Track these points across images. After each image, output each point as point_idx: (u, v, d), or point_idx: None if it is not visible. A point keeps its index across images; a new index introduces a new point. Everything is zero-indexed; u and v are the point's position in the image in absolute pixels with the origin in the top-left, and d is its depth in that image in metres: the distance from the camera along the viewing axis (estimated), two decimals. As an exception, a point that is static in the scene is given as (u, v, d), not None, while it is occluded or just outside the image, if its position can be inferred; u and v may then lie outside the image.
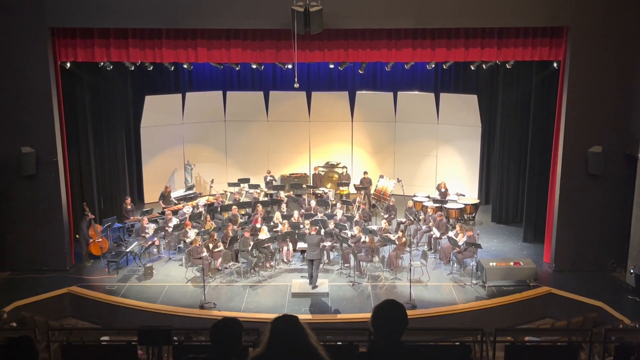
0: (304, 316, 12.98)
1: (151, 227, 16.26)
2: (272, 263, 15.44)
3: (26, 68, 14.33)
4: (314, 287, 14.02)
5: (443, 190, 18.64)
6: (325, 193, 19.12)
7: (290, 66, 16.68)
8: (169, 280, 14.80)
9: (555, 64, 15.10)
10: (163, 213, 17.39)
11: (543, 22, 14.24)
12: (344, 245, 15.22)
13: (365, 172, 19.90)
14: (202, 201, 18.32)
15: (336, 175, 20.67)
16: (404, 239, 15.18)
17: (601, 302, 13.24)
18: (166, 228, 16.23)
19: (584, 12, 14.06)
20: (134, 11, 14.12)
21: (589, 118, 14.52)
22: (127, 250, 15.51)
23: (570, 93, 14.43)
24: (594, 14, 14.08)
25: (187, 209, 17.38)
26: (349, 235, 15.59)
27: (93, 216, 15.90)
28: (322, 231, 15.45)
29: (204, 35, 14.69)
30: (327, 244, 15.46)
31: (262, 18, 14.13)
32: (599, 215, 14.93)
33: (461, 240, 15.06)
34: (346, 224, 16.25)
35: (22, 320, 11.99)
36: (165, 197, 18.50)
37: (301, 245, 15.29)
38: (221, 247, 15.18)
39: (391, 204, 17.67)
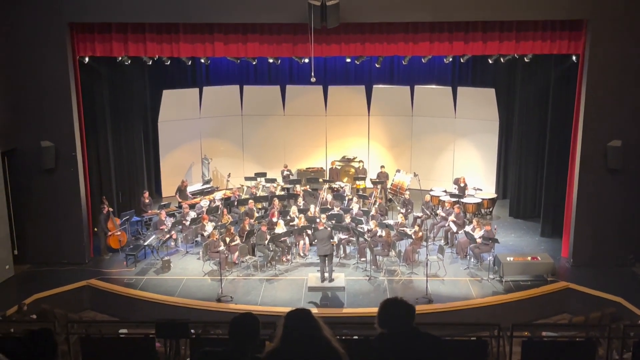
0: (320, 310, 13.03)
1: (169, 221, 16.36)
2: (288, 257, 15.47)
3: (45, 63, 14.45)
4: (331, 280, 14.03)
5: (462, 185, 18.55)
6: (342, 187, 19.10)
7: (307, 60, 16.65)
8: (186, 274, 14.88)
9: (574, 57, 14.94)
10: (180, 207, 17.48)
11: (562, 14, 14.10)
12: (360, 239, 15.20)
13: (382, 166, 19.85)
14: (219, 195, 18.39)
15: (352, 170, 20.64)
16: (420, 234, 15.14)
17: (620, 297, 13.13)
18: (183, 222, 16.31)
19: (604, 4, 13.89)
20: (151, 6, 14.17)
21: (608, 112, 14.36)
22: (145, 243, 15.63)
23: (589, 86, 14.29)
24: (613, 7, 13.91)
25: (204, 202, 17.46)
26: (365, 229, 15.57)
27: (111, 209, 16.02)
28: (332, 228, 15.42)
29: (221, 29, 14.72)
30: (343, 236, 15.46)
31: (279, 12, 14.13)
32: (617, 210, 14.78)
33: (478, 234, 14.99)
34: (362, 218, 16.23)
35: (42, 313, 12.11)
36: (181, 191, 18.59)
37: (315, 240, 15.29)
38: (238, 241, 15.23)
39: (407, 198, 17.63)
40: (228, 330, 4.18)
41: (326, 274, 14.03)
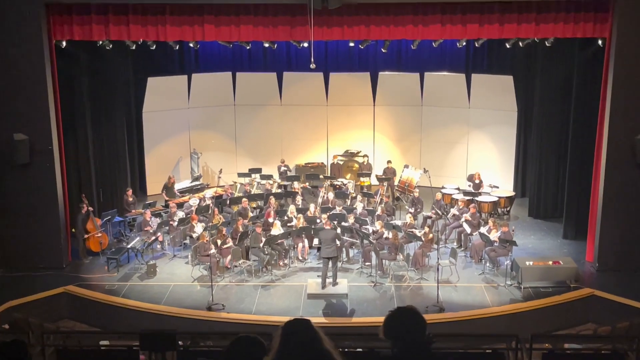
0: (321, 319, 13.04)
1: (154, 222, 16.36)
2: (286, 261, 15.48)
3: (18, 48, 14.39)
4: (335, 284, 14.04)
5: (477, 181, 18.56)
6: (345, 184, 19.10)
7: (306, 45, 16.62)
8: (174, 280, 14.89)
9: (600, 42, 14.89)
10: (167, 206, 17.48)
11: (587, -6, 14.09)
12: (365, 242, 15.20)
13: (388, 162, 19.84)
14: (209, 193, 18.39)
15: (356, 165, 20.63)
16: (430, 235, 15.14)
17: (650, 305, 13.14)
18: (170, 222, 16.31)
19: (633, -18, 13.87)
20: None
21: (637, 102, 14.33)
22: (129, 246, 15.63)
23: (617, 74, 14.24)
24: (644, -15, 13.89)
25: (194, 201, 17.46)
26: (371, 231, 15.57)
27: (91, 208, 16.02)
28: (340, 226, 15.44)
29: (211, 10, 14.69)
30: (346, 239, 15.47)
31: (276, -9, 14.11)
32: (647, 210, 14.79)
33: (494, 236, 14.99)
34: (367, 219, 16.23)
35: (15, 323, 12.12)
36: (168, 188, 18.59)
37: (318, 242, 15.30)
38: (230, 244, 15.23)
39: (417, 196, 17.62)
40: (226, 353, 4.15)
41: (328, 279, 14.03)
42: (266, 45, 17.66)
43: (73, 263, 15.62)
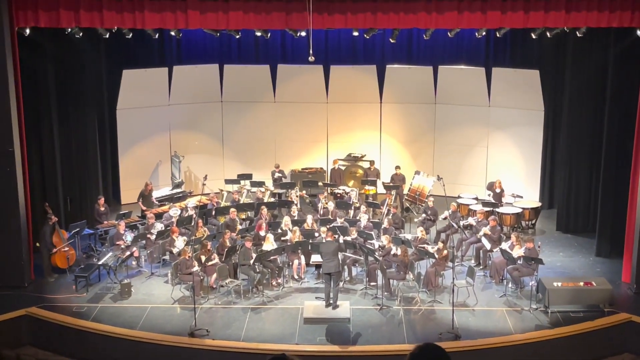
0: (319, 347, 13.02)
1: (129, 235, 16.34)
2: (279, 280, 15.46)
3: (-25, 35, 14.45)
4: (335, 306, 14.03)
5: (498, 190, 18.56)
6: (347, 193, 19.11)
7: (303, 34, 16.65)
8: (152, 301, 14.85)
9: (638, 32, 14.95)
10: (144, 217, 17.46)
11: (623, -23, 14.14)
12: (370, 258, 15.19)
13: (397, 167, 19.87)
14: (192, 202, 18.38)
15: (360, 171, 20.64)
16: (445, 252, 15.14)
17: (695, 333, 13.15)
18: (148, 235, 16.30)
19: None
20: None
21: (681, 100, 14.39)
22: (100, 262, 15.59)
23: (658, 69, 14.31)
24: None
25: (174, 211, 17.45)
26: (376, 246, 15.57)
27: (57, 219, 16.01)
28: (341, 239, 15.45)
29: (196, -6, 14.74)
30: (349, 255, 15.47)
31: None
32: (692, 224, 14.81)
33: (517, 253, 14.98)
34: (372, 232, 16.23)
35: (-31, 349, 12.10)
36: (145, 196, 18.59)
37: (316, 258, 15.29)
38: (216, 260, 15.22)
39: (430, 206, 17.62)
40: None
41: (331, 299, 14.06)
42: (258, 34, 17.68)
43: (36, 281, 15.57)
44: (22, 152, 15.25)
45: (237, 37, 18.75)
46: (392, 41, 18.81)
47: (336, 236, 15.17)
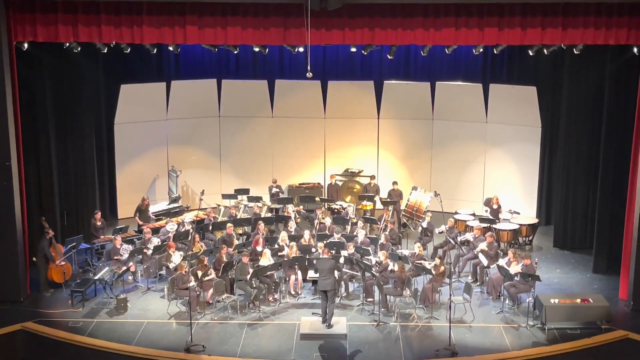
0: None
1: (126, 249, 16.30)
2: (276, 296, 15.43)
3: (-27, 50, 14.47)
4: (329, 325, 14.00)
5: (495, 206, 18.57)
6: (344, 208, 19.10)
7: (301, 49, 16.69)
8: (148, 316, 14.81)
9: (635, 49, 15.00)
10: (141, 231, 17.43)
11: (619, -4, 14.19)
12: (367, 274, 15.17)
13: (394, 183, 19.88)
14: (189, 217, 18.37)
15: (357, 186, 20.65)
16: (442, 268, 15.13)
17: (692, 351, 13.14)
18: (144, 250, 16.27)
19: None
20: (108, -20, 14.22)
21: (678, 118, 14.43)
22: (96, 277, 15.55)
23: (655, 86, 14.35)
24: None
25: (171, 226, 17.43)
26: (373, 262, 15.55)
27: (53, 233, 15.98)
28: (342, 259, 15.43)
29: (194, 9, 14.74)
30: (346, 271, 15.44)
31: (268, -11, 14.19)
32: (690, 241, 14.81)
33: (515, 269, 14.98)
34: (369, 248, 16.22)
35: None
36: (142, 211, 18.57)
37: (313, 274, 15.28)
38: (213, 275, 15.19)
39: (428, 221, 17.62)
40: None
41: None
42: (256, 49, 17.73)
43: (32, 296, 15.54)
44: (19, 166, 15.23)
45: (235, 52, 18.78)
46: (389, 57, 18.86)
47: (332, 251, 15.14)
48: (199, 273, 15.01)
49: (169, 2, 14.60)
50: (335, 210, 19.04)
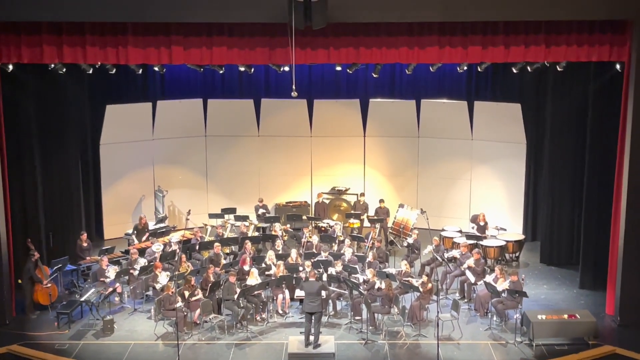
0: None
1: (112, 270, 16.23)
2: (263, 315, 15.39)
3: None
4: (316, 346, 13.96)
5: (482, 223, 18.61)
6: (331, 227, 19.10)
7: (287, 69, 16.76)
8: (134, 337, 14.74)
9: (617, 66, 15.15)
10: (127, 252, 17.37)
11: (601, 14, 14.26)
12: (355, 292, 15.16)
13: (381, 201, 19.90)
14: (175, 237, 18.31)
15: (344, 204, 20.66)
16: (429, 285, 15.14)
17: (679, 365, 13.18)
18: (131, 271, 16.20)
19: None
20: (93, 0, 14.21)
21: (661, 133, 14.53)
22: (82, 299, 15.48)
23: (638, 102, 14.42)
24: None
25: (157, 246, 17.36)
26: (361, 280, 15.54)
27: (38, 255, 15.90)
28: (325, 276, 15.42)
29: (180, 30, 14.78)
30: (333, 289, 15.42)
31: (252, 9, 14.16)
32: (675, 256, 14.89)
33: (502, 286, 15.01)
34: (357, 266, 16.21)
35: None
36: (139, 230, 18.54)
37: (300, 293, 15.25)
38: (200, 295, 15.14)
39: (415, 239, 17.64)
40: None
41: (312, 337, 13.97)
42: (242, 69, 17.79)
43: (18, 318, 15.45)
44: (3, 187, 15.17)
45: (221, 72, 18.83)
46: (375, 76, 18.96)
47: (319, 273, 15.10)
48: (186, 293, 14.95)
49: (154, 22, 14.63)
50: (323, 229, 19.03)
